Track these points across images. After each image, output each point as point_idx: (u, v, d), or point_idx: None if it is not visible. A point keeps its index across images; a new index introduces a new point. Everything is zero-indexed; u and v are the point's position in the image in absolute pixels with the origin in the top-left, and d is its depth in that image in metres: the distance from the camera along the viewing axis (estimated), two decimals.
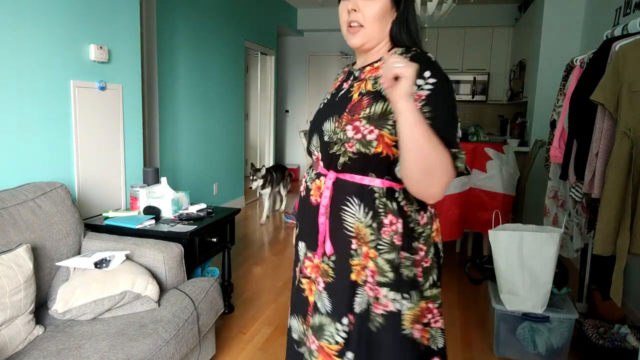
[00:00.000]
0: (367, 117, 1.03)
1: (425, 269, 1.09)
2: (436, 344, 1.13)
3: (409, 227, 1.07)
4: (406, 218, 1.07)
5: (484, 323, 2.69)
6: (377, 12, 1.06)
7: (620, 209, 1.74)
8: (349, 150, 1.05)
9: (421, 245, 1.09)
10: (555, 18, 4.30)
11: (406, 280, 1.06)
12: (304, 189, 1.22)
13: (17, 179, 2.03)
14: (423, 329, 1.10)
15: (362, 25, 1.07)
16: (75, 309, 1.66)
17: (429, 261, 1.10)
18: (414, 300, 1.07)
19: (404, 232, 1.06)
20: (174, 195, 2.47)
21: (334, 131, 1.08)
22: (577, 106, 2.15)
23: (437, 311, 1.13)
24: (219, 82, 4.73)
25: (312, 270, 1.18)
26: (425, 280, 1.10)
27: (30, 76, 2.07)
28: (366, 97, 1.06)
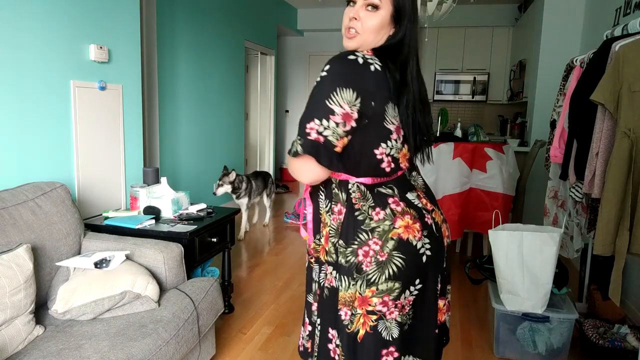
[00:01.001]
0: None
1: (379, 262, 1.13)
2: (391, 332, 1.18)
3: (356, 219, 1.15)
4: (352, 210, 1.16)
5: (484, 323, 2.69)
6: (375, 25, 1.13)
7: (620, 209, 1.74)
8: None
9: (375, 239, 1.13)
10: (555, 18, 4.30)
11: (342, 266, 1.16)
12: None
13: (17, 179, 2.03)
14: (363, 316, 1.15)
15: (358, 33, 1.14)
16: (75, 309, 1.66)
17: (384, 255, 1.13)
18: (344, 285, 1.16)
19: (345, 222, 1.16)
20: (174, 195, 2.47)
21: None
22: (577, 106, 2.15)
23: (392, 304, 1.15)
24: (219, 82, 4.73)
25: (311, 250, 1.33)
26: (377, 273, 1.13)
27: (31, 76, 2.07)
28: None
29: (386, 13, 1.13)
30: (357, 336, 1.16)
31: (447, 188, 3.37)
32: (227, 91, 4.94)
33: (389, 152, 1.13)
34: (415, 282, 1.16)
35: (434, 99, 6.80)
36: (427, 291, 1.20)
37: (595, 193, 1.91)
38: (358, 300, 1.15)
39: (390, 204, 1.15)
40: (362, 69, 1.07)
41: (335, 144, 1.05)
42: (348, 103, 1.04)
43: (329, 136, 1.04)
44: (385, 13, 1.13)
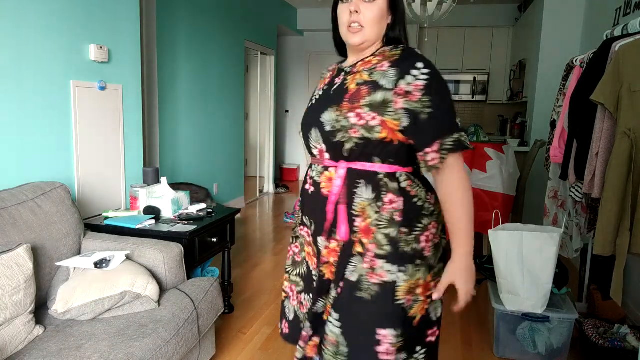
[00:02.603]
0: (369, 104, 1.11)
1: (435, 245, 1.20)
2: (436, 313, 1.24)
3: (416, 205, 1.16)
4: (409, 197, 1.16)
5: (484, 323, 2.69)
6: (376, 16, 1.16)
7: (620, 209, 1.74)
8: (354, 136, 1.12)
9: (434, 223, 1.19)
10: (555, 18, 4.30)
11: (405, 254, 1.15)
12: (311, 184, 1.25)
13: (17, 179, 2.03)
14: (423, 302, 1.19)
15: (362, 26, 1.16)
16: (75, 309, 1.66)
17: (437, 238, 1.21)
18: (409, 274, 1.15)
19: (404, 209, 1.15)
20: (174, 195, 2.47)
21: (335, 119, 1.14)
22: (577, 106, 2.15)
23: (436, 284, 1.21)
24: (219, 82, 4.73)
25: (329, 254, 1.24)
26: (434, 256, 1.20)
27: (31, 76, 2.07)
28: (364, 86, 1.14)
29: (383, 2, 1.17)
30: (413, 321, 1.18)
31: None
32: (227, 91, 4.94)
33: None
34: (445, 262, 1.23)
35: None
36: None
37: (595, 193, 1.91)
38: (421, 287, 1.17)
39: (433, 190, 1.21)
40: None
41: None
42: None
43: None
44: (382, 2, 1.17)
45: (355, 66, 1.21)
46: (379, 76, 1.13)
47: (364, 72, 1.17)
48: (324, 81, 1.31)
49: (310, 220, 1.27)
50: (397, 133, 1.12)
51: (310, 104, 1.27)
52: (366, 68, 1.17)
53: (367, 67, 1.17)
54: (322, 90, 1.27)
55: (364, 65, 1.19)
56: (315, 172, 1.24)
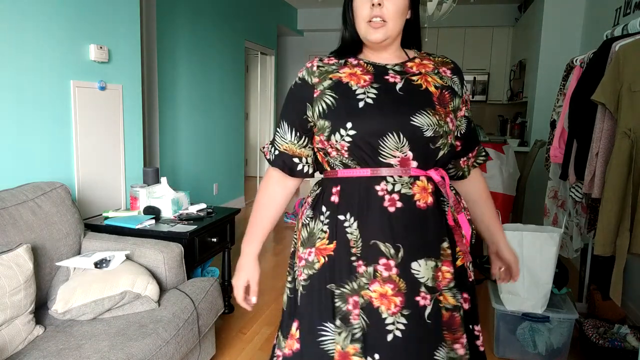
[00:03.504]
0: (454, 110, 1.10)
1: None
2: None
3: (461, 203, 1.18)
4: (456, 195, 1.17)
5: (484, 323, 2.69)
6: (400, 9, 1.06)
7: (620, 209, 1.74)
8: (449, 142, 1.09)
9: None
10: (555, 18, 4.30)
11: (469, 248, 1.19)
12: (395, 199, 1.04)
13: (17, 179, 2.03)
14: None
15: (384, 21, 1.05)
16: (75, 309, 1.66)
17: None
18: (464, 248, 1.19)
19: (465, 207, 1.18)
20: (174, 195, 2.47)
21: (438, 124, 1.04)
22: (577, 106, 2.15)
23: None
24: (219, 82, 4.73)
25: (444, 279, 1.08)
26: None
27: (31, 76, 2.07)
28: (446, 91, 1.10)
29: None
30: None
31: None
32: (227, 91, 4.94)
33: None
34: None
35: None
36: None
37: (595, 193, 1.91)
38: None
39: None
40: None
41: None
42: None
43: None
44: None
45: (407, 66, 1.11)
46: (449, 82, 1.12)
47: (432, 74, 1.10)
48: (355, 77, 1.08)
49: (398, 244, 1.03)
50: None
51: (364, 104, 1.04)
52: (429, 71, 1.11)
53: (429, 70, 1.11)
54: (373, 87, 1.06)
55: (420, 67, 1.11)
56: (400, 185, 1.04)
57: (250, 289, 1.23)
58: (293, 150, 1.15)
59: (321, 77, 1.10)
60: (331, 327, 1.05)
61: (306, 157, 1.15)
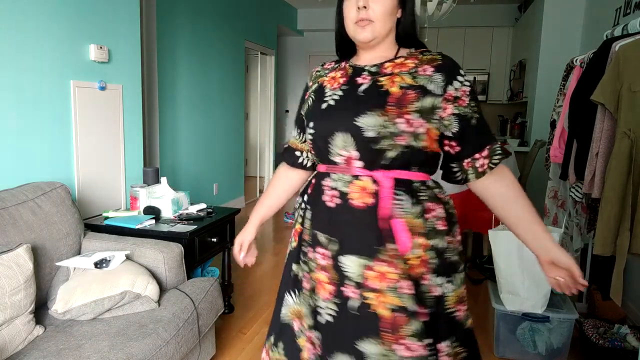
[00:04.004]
0: (419, 110, 1.05)
1: (459, 252, 1.16)
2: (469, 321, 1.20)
3: (450, 212, 1.14)
4: (444, 204, 1.14)
5: (484, 323, 2.69)
6: (387, 9, 1.09)
7: (620, 209, 1.74)
8: (400, 143, 1.05)
9: (459, 230, 1.17)
10: (555, 18, 4.30)
11: (450, 264, 1.12)
12: (335, 195, 1.11)
13: (17, 179, 2.03)
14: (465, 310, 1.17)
15: (371, 21, 1.09)
16: (75, 309, 1.66)
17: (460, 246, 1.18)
18: (456, 283, 1.13)
19: (446, 217, 1.12)
20: (174, 195, 2.47)
21: (382, 125, 1.04)
22: (577, 106, 2.15)
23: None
24: (219, 82, 4.73)
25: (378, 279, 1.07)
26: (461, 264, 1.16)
27: (31, 76, 2.07)
28: (411, 91, 1.06)
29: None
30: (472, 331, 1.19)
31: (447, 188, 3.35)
32: (227, 91, 4.94)
33: None
34: None
35: None
36: None
37: (595, 193, 1.91)
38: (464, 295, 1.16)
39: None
40: None
41: None
42: None
43: None
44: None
45: (384, 67, 1.12)
46: (425, 81, 1.06)
47: (404, 74, 1.08)
48: (333, 80, 1.17)
49: (334, 238, 1.10)
50: (434, 142, 1.10)
51: (326, 105, 1.13)
52: (404, 70, 1.09)
53: (405, 69, 1.09)
54: (341, 89, 1.13)
55: (398, 67, 1.11)
56: (340, 182, 1.11)
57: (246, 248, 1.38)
58: (296, 145, 1.32)
59: (314, 81, 1.24)
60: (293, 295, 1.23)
61: (306, 152, 1.30)
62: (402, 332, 1.07)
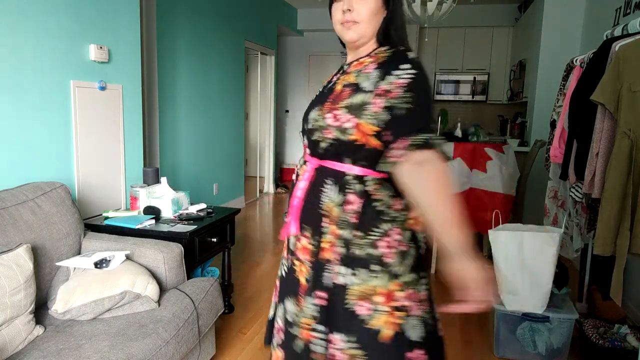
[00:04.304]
0: (347, 106, 1.10)
1: (401, 252, 1.12)
2: (416, 333, 1.11)
3: (376, 210, 1.11)
4: (370, 200, 1.11)
5: (484, 323, 2.69)
6: (371, 10, 1.13)
7: (620, 209, 1.74)
8: (327, 136, 1.13)
9: (397, 229, 1.12)
10: (555, 18, 4.30)
11: (356, 258, 1.11)
12: (295, 174, 1.28)
13: (17, 179, 2.03)
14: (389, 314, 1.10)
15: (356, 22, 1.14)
16: (75, 309, 1.66)
17: (406, 247, 1.13)
18: (362, 278, 1.10)
19: (361, 212, 1.11)
20: (174, 195, 2.47)
21: (315, 119, 1.16)
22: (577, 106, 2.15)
23: (416, 296, 1.13)
24: (219, 82, 4.73)
25: (301, 251, 1.22)
26: (400, 264, 1.11)
27: (31, 76, 2.07)
28: (347, 88, 1.13)
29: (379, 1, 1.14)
30: (378, 335, 1.09)
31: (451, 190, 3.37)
32: (227, 91, 4.94)
33: None
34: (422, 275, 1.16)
35: (434, 99, 6.80)
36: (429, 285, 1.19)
37: (595, 193, 1.91)
38: (383, 296, 1.09)
39: (404, 196, 1.11)
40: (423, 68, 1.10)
41: None
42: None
43: None
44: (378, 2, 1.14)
45: (351, 65, 1.20)
46: (363, 78, 1.10)
47: (353, 73, 1.15)
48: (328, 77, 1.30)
49: (287, 209, 1.27)
50: (370, 137, 1.07)
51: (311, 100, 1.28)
52: (357, 69, 1.15)
53: (358, 68, 1.15)
54: (322, 87, 1.27)
55: (357, 65, 1.17)
56: (299, 164, 1.27)
57: None
58: None
59: None
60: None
61: None
62: (304, 309, 1.18)
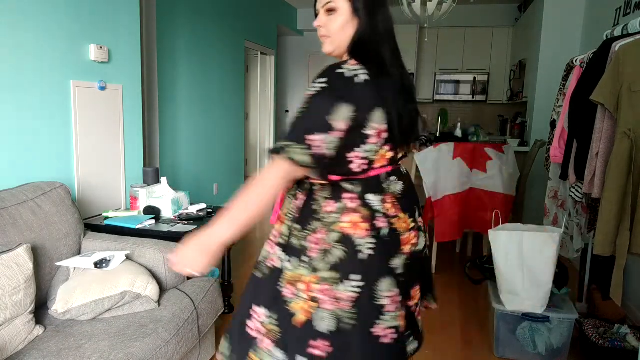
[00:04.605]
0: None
1: (324, 251, 1.17)
2: (323, 325, 1.16)
3: (311, 208, 1.20)
4: (310, 198, 1.21)
5: (484, 323, 2.69)
6: (339, 26, 1.20)
7: (620, 209, 1.74)
8: None
9: (323, 229, 1.18)
10: (555, 18, 4.30)
11: (293, 247, 1.21)
12: None
13: (17, 179, 2.03)
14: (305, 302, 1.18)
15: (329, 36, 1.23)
16: (75, 309, 1.66)
17: (329, 246, 1.17)
18: (294, 266, 1.20)
19: (302, 208, 1.22)
20: (174, 195, 2.47)
21: None
22: (577, 106, 2.15)
23: (331, 293, 1.16)
24: (219, 82, 4.73)
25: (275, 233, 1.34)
26: (322, 261, 1.17)
27: (31, 76, 2.07)
28: None
29: (345, 11, 1.18)
30: (293, 318, 1.18)
31: (447, 188, 3.37)
32: (227, 91, 4.94)
33: (363, 155, 1.16)
34: (352, 277, 1.15)
35: (434, 99, 6.80)
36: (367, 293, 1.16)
37: (595, 193, 1.91)
38: (305, 285, 1.18)
39: (344, 199, 1.17)
40: (350, 82, 1.10)
41: (332, 155, 1.10)
42: (344, 118, 1.08)
43: (330, 149, 1.09)
44: (344, 11, 1.18)
45: None
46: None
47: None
48: None
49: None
50: None
51: None
52: None
53: None
54: None
55: None
56: None
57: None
58: None
59: None
60: None
61: None
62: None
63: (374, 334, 1.16)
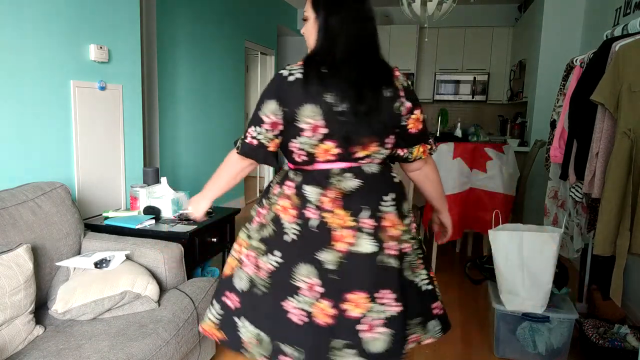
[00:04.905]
0: None
1: (260, 224, 1.36)
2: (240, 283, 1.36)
3: (269, 187, 1.41)
4: (271, 182, 1.42)
5: (484, 323, 2.69)
6: (309, 31, 1.34)
7: (620, 209, 1.74)
8: None
9: (266, 205, 1.37)
10: (555, 18, 4.30)
11: (251, 216, 1.42)
12: None
13: (17, 179, 2.03)
14: (234, 259, 1.42)
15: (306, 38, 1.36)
16: (75, 309, 1.66)
17: (265, 222, 1.34)
18: (245, 228, 1.43)
19: (266, 186, 1.43)
20: (174, 195, 2.47)
21: None
22: (577, 106, 2.15)
23: (254, 260, 1.34)
24: (219, 82, 4.73)
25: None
26: (255, 231, 1.37)
27: (31, 76, 2.07)
28: None
29: (312, 17, 1.31)
30: (224, 268, 1.45)
31: (447, 188, 3.37)
32: (227, 91, 4.94)
33: (299, 146, 1.26)
34: (275, 253, 1.29)
35: (434, 99, 6.80)
36: (285, 271, 1.27)
37: (595, 193, 1.91)
38: (239, 246, 1.42)
39: (285, 185, 1.33)
40: (283, 81, 1.24)
41: (267, 145, 1.29)
42: (272, 113, 1.25)
43: (262, 140, 1.29)
44: (311, 18, 1.32)
45: None
46: None
47: None
48: None
49: None
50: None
51: None
52: None
53: None
54: None
55: None
56: None
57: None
58: None
59: None
60: None
61: None
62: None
63: (283, 307, 1.27)
